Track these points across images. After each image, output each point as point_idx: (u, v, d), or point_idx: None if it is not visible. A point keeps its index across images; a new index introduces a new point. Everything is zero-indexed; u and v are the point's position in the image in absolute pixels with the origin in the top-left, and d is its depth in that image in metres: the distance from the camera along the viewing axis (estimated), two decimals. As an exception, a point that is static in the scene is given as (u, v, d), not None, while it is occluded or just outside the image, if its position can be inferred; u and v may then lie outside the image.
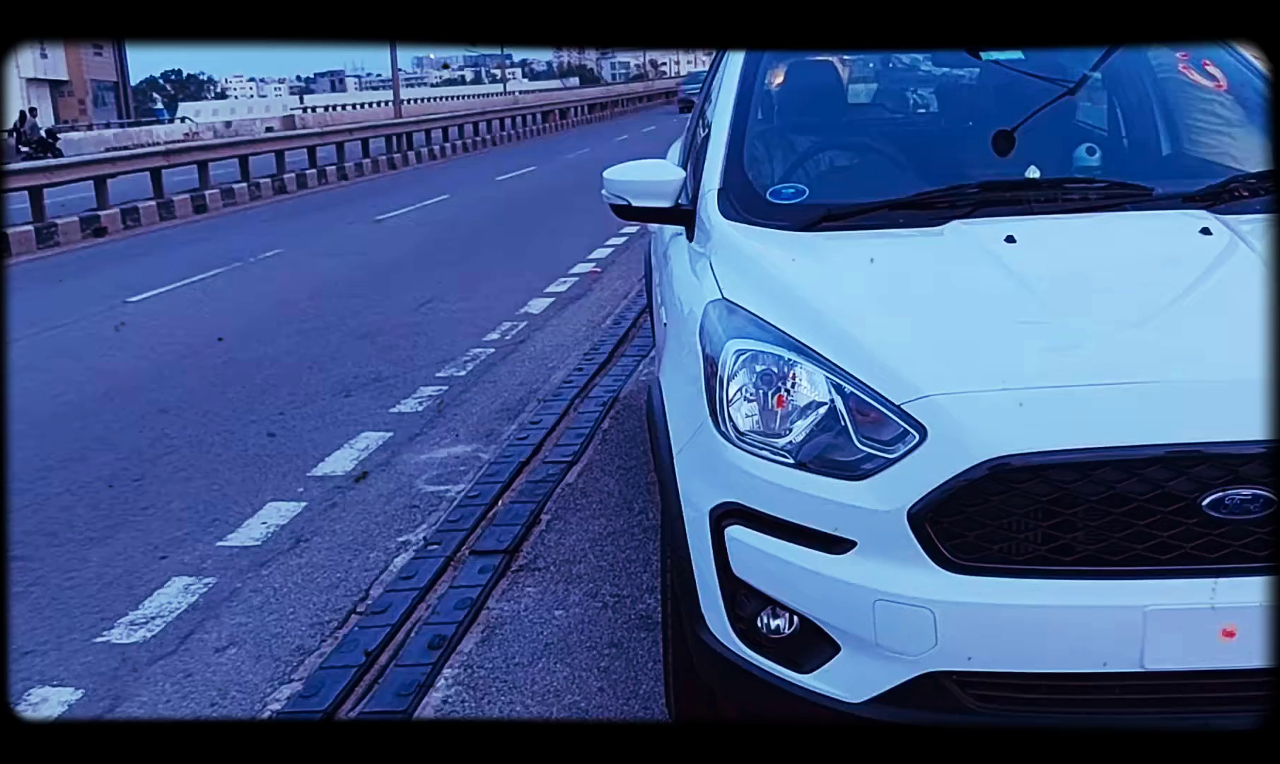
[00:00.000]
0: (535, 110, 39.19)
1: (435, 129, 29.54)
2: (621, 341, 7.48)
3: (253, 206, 18.85)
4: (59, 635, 3.88)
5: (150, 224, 16.80)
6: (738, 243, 2.99)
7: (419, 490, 5.03)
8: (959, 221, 2.88)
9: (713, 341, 2.59)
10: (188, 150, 20.04)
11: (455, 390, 6.62)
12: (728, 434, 2.43)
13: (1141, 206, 2.98)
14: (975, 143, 3.48)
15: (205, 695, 3.42)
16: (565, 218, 14.09)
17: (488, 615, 3.78)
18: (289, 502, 4.97)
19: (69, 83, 52.93)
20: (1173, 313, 2.48)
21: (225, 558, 4.43)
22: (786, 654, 2.36)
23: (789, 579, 2.31)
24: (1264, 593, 2.06)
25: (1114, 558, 2.12)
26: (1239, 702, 2.11)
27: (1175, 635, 2.11)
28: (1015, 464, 2.11)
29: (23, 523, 4.93)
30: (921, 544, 2.16)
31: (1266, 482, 2.06)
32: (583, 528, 4.44)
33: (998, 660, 2.17)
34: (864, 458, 2.26)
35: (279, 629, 3.81)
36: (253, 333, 8.56)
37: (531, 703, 3.23)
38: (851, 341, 2.40)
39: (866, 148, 3.71)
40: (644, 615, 3.68)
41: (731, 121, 3.43)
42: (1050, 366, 2.26)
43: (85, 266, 13.16)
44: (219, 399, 6.74)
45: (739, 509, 2.38)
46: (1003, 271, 2.61)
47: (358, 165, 23.80)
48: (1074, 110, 3.63)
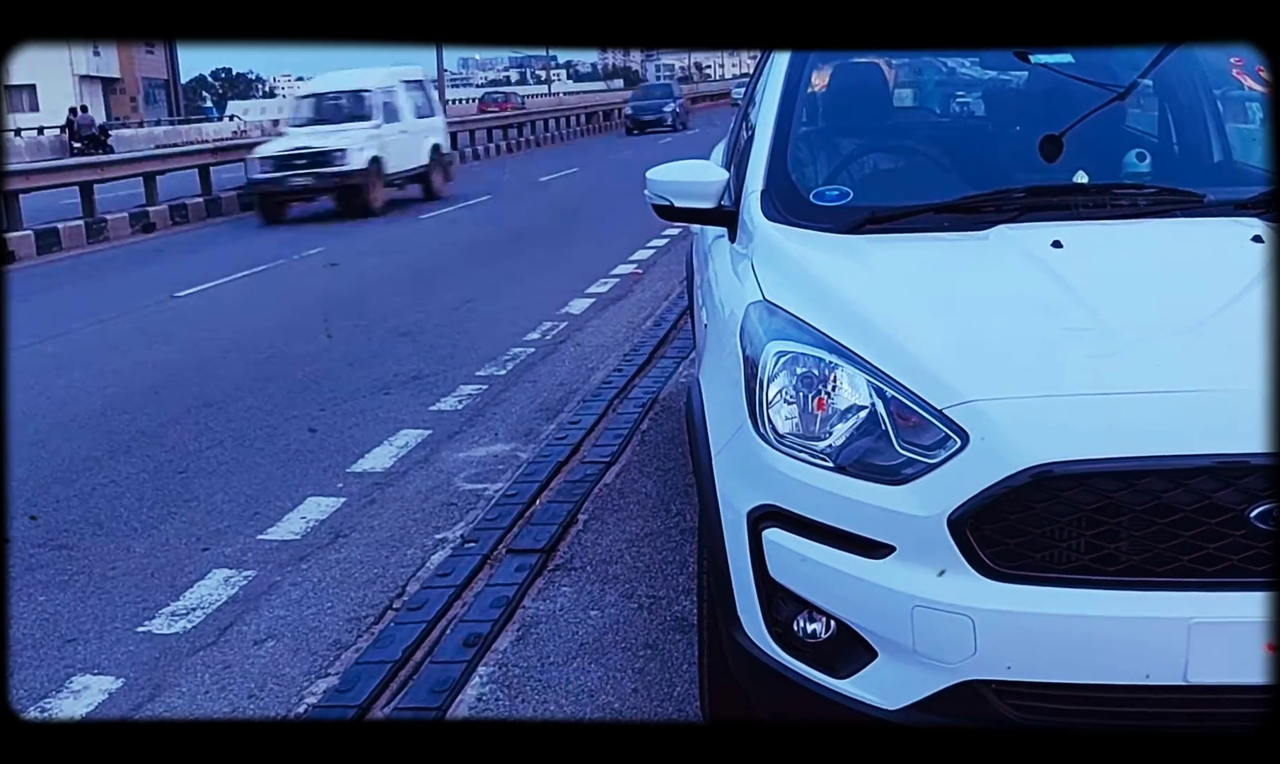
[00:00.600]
0: (579, 111, 39.30)
1: (479, 130, 29.70)
2: (661, 343, 7.47)
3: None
4: (102, 624, 3.93)
5: (198, 220, 17.02)
6: (780, 244, 2.98)
7: (457, 488, 5.05)
8: (1005, 226, 2.85)
9: (753, 343, 2.58)
10: (236, 148, 20.27)
11: (495, 389, 6.64)
12: (767, 436, 2.41)
13: (1192, 213, 2.93)
14: (1022, 147, 3.44)
15: (243, 687, 3.45)
16: (607, 219, 14.11)
17: (523, 614, 3.78)
18: (328, 497, 5.00)
19: (121, 80, 53.74)
20: (1222, 321, 2.43)
21: (265, 551, 4.47)
22: (822, 659, 2.34)
23: (826, 583, 2.29)
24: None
25: (1159, 569, 2.08)
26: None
27: (1220, 649, 2.07)
28: (1058, 472, 2.08)
29: (70, 512, 5.00)
30: (962, 551, 2.14)
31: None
32: (620, 529, 4.44)
33: (1038, 670, 2.14)
34: (904, 462, 2.23)
35: (316, 623, 3.84)
36: (295, 330, 8.64)
37: (565, 702, 3.23)
38: (893, 345, 2.38)
39: (911, 151, 3.68)
40: (679, 617, 3.67)
41: (776, 123, 3.42)
42: (1096, 374, 2.23)
43: (134, 261, 13.35)
44: (261, 394, 6.80)
45: (777, 512, 2.36)
46: (1049, 277, 2.58)
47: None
48: (1123, 116, 3.58)
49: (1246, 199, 2.90)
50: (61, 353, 8.20)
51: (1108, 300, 2.50)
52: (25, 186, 14.63)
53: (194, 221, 16.86)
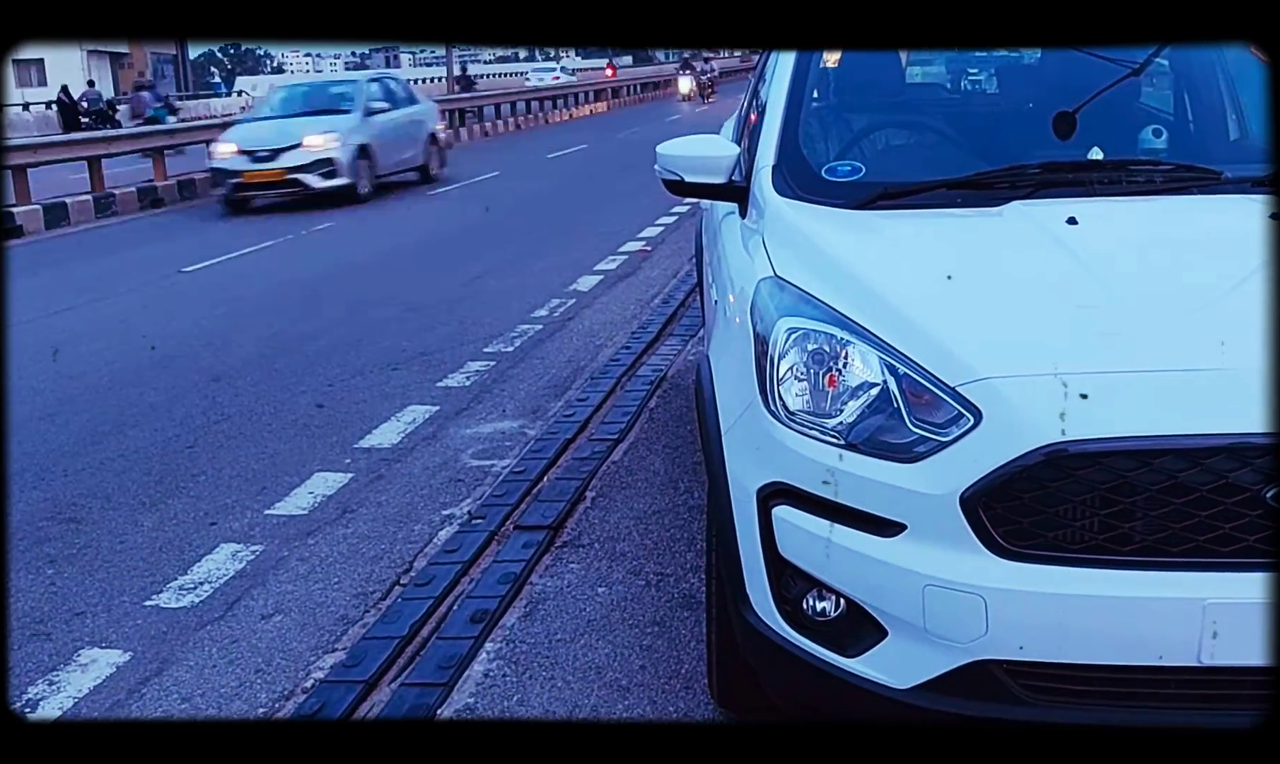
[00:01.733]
0: (588, 89, 39.13)
1: (487, 105, 29.61)
2: (670, 320, 7.44)
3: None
4: (109, 598, 3.93)
5: (206, 196, 16.98)
6: (791, 220, 2.95)
7: (464, 464, 5.03)
8: (1019, 202, 2.82)
9: (764, 319, 2.55)
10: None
11: (503, 366, 6.63)
12: (777, 413, 2.39)
13: (1208, 190, 2.89)
14: (1036, 124, 3.40)
15: (250, 662, 3.45)
16: (616, 196, 14.06)
17: (530, 591, 3.78)
18: (336, 472, 5.00)
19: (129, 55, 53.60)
20: (1239, 298, 2.40)
21: (273, 526, 4.47)
22: (832, 637, 2.32)
23: (836, 561, 2.27)
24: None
25: (1173, 549, 2.06)
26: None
27: (1234, 631, 2.05)
28: (1073, 451, 2.06)
29: (78, 486, 5.00)
30: (974, 529, 2.12)
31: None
32: (627, 506, 4.42)
33: (1050, 650, 2.12)
34: (916, 440, 2.21)
35: (324, 598, 3.83)
36: (303, 305, 8.63)
37: (573, 679, 3.22)
38: (906, 322, 2.36)
39: (924, 127, 3.65)
40: (687, 595, 3.66)
41: (787, 98, 3.38)
42: (1111, 351, 2.20)
43: (142, 236, 13.34)
44: (269, 369, 6.79)
45: (787, 489, 2.34)
46: (1063, 253, 2.55)
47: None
48: (1138, 93, 3.54)
49: (1264, 176, 2.86)
50: (70, 327, 8.20)
51: (1123, 277, 2.47)
52: (33, 161, 14.60)
53: (202, 197, 16.83)
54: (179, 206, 16.11)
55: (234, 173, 14.59)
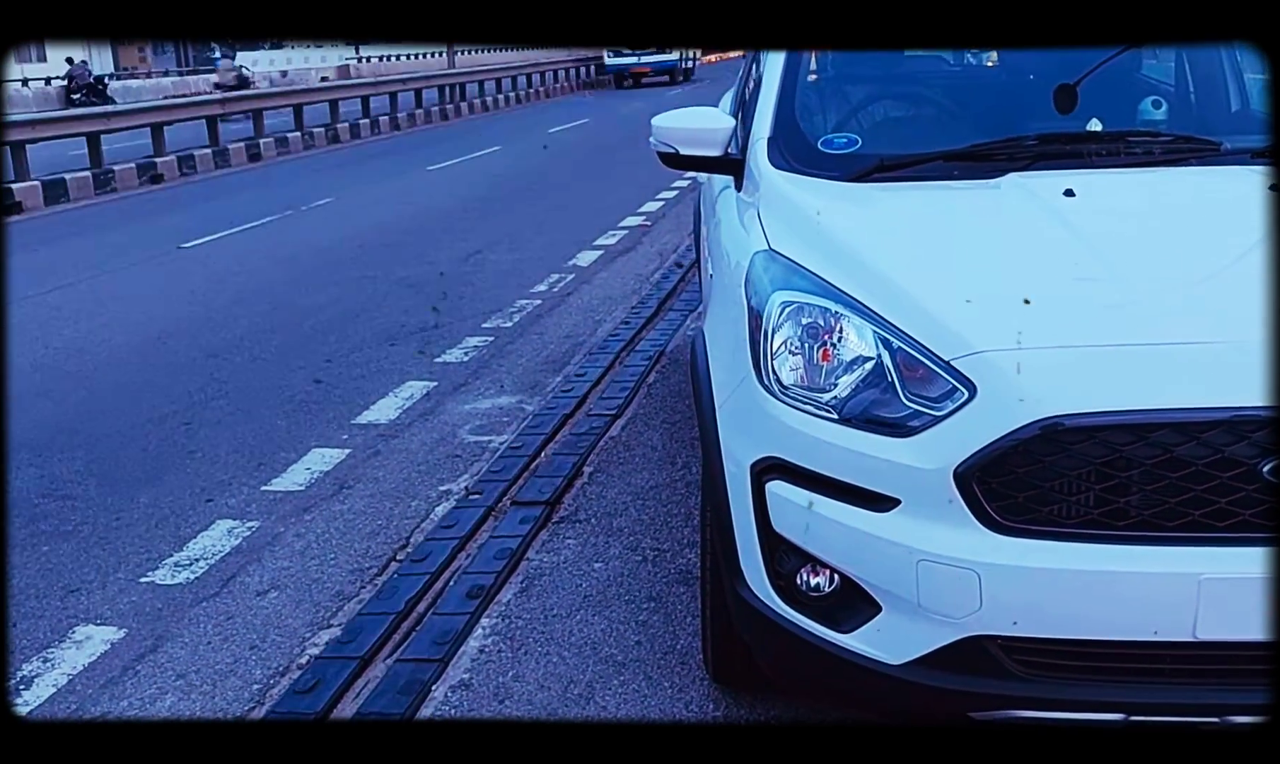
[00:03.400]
0: (589, 63, 38.92)
1: (489, 80, 29.47)
2: (669, 296, 7.42)
3: (306, 155, 18.93)
4: (105, 574, 3.93)
5: (206, 171, 16.93)
6: (787, 193, 2.92)
7: (462, 440, 5.02)
8: (1016, 174, 2.79)
9: (758, 293, 2.53)
10: (243, 99, 20.16)
11: (501, 341, 6.61)
12: (771, 388, 2.37)
13: (1208, 161, 2.86)
14: (1035, 96, 3.37)
15: (245, 638, 3.44)
16: (616, 170, 14.00)
17: (527, 566, 3.77)
18: (333, 448, 4.99)
19: (128, 31, 53.33)
20: (1238, 271, 2.37)
21: (269, 502, 4.46)
22: (826, 613, 2.31)
23: (830, 536, 2.26)
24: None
25: (1169, 523, 2.04)
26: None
27: (1230, 605, 2.03)
28: (1068, 424, 2.04)
29: (74, 463, 4.99)
30: (968, 504, 2.10)
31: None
32: (625, 481, 4.41)
33: (1044, 626, 2.11)
34: (910, 414, 2.19)
35: (319, 574, 3.83)
36: (301, 280, 8.59)
37: (568, 654, 3.22)
38: (900, 295, 2.33)
39: (922, 99, 3.62)
40: (684, 570, 3.65)
41: (784, 70, 3.35)
42: (1108, 324, 2.18)
43: (141, 212, 13.29)
44: (267, 345, 6.77)
45: (781, 464, 2.33)
46: (1060, 226, 2.52)
47: (410, 115, 23.82)
48: (1138, 65, 3.51)
49: (1263, 147, 2.83)
50: (68, 303, 8.18)
51: (1121, 250, 2.45)
52: (31, 137, 14.53)
53: (202, 172, 16.77)
54: (178, 181, 16.04)
55: None
